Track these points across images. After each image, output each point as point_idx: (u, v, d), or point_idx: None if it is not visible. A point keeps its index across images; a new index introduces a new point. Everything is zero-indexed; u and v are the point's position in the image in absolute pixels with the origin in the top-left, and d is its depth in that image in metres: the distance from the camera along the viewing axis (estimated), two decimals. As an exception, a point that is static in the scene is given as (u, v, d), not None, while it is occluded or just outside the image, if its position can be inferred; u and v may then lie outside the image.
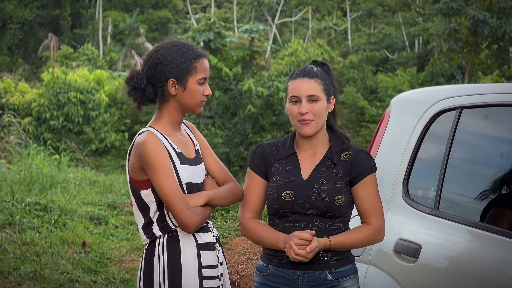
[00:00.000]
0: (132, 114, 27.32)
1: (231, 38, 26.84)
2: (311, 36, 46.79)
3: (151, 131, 3.49)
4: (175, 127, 3.59)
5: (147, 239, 3.52)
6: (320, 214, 3.46)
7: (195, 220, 3.40)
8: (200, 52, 3.56)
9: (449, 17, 23.12)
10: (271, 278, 3.55)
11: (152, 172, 3.40)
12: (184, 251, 3.46)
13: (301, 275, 3.48)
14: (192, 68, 3.51)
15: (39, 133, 25.89)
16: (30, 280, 7.63)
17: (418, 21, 43.48)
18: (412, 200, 4.00)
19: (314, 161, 3.56)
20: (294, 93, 3.52)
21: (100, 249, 9.10)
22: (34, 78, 40.92)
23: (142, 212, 3.52)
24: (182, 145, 3.57)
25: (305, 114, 3.48)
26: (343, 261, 3.51)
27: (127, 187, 14.38)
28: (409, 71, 34.11)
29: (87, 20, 52.80)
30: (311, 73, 3.53)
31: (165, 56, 3.51)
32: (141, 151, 3.42)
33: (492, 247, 3.50)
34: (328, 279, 3.47)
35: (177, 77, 3.50)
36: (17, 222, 9.54)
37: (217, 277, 3.55)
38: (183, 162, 3.51)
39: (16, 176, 12.93)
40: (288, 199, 3.49)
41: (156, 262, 3.47)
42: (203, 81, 3.54)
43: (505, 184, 3.69)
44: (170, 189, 3.38)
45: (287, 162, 3.58)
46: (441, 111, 4.02)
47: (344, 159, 3.54)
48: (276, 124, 25.70)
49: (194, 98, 3.53)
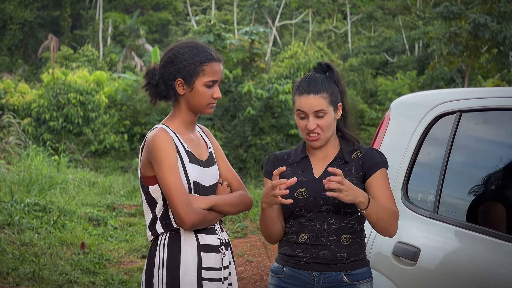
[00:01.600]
0: (131, 115, 27.31)
1: (231, 40, 26.85)
2: (311, 38, 46.83)
3: (162, 127, 3.53)
4: (188, 127, 3.61)
5: (151, 235, 3.55)
6: (334, 210, 3.46)
7: (192, 218, 3.40)
8: (212, 56, 3.57)
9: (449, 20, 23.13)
10: (286, 279, 3.55)
11: (157, 167, 3.43)
12: (184, 250, 3.47)
13: (317, 276, 3.48)
14: (200, 70, 3.52)
15: (39, 134, 25.88)
16: (28, 281, 7.63)
17: (418, 25, 43.53)
18: (411, 203, 4.01)
19: (326, 162, 3.58)
20: (300, 108, 3.53)
21: (99, 250, 9.10)
22: (34, 79, 40.92)
23: (150, 207, 3.55)
24: (194, 145, 3.60)
25: (313, 129, 3.50)
26: (359, 263, 3.51)
27: (126, 189, 14.43)
28: (409, 74, 34.14)
29: (87, 21, 52.83)
30: (316, 88, 3.51)
31: (177, 55, 3.54)
32: (150, 146, 3.46)
33: (491, 251, 3.51)
34: (344, 281, 3.48)
35: (185, 77, 3.53)
36: (16, 223, 9.54)
37: (220, 279, 3.54)
38: (192, 160, 3.52)
39: (15, 177, 12.93)
40: (301, 197, 3.49)
41: (156, 259, 3.49)
42: (212, 84, 3.55)
43: (504, 188, 3.69)
44: (173, 184, 3.40)
45: (299, 165, 3.60)
46: (440, 114, 4.03)
47: (356, 157, 3.56)
48: (275, 127, 25.69)
49: (200, 100, 3.55)
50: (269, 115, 25.65)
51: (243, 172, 24.16)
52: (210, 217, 3.50)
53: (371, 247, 4.07)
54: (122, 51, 46.22)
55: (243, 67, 26.92)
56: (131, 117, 27.42)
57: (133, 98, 27.04)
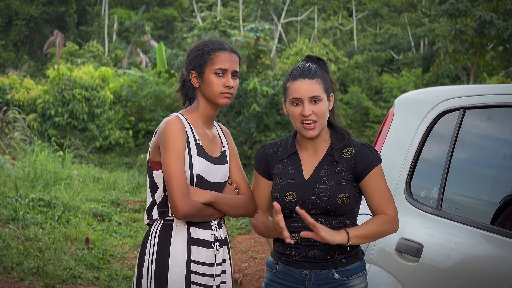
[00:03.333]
0: (136, 111, 27.30)
1: (237, 37, 26.82)
2: (317, 35, 46.76)
3: (178, 115, 3.56)
4: (206, 122, 3.64)
5: (147, 219, 3.58)
6: (324, 213, 3.45)
7: (186, 208, 3.40)
8: (222, 45, 3.60)
9: (455, 18, 23.04)
10: (279, 275, 3.56)
11: (164, 152, 3.45)
12: (174, 241, 3.48)
13: (308, 274, 3.48)
14: (208, 59, 3.55)
15: (44, 130, 25.89)
16: (33, 276, 7.65)
17: (424, 22, 43.43)
18: (414, 200, 4.01)
19: (316, 160, 3.54)
20: (295, 95, 3.46)
21: (103, 245, 9.13)
22: (39, 74, 40.93)
23: (151, 192, 3.57)
24: (207, 140, 3.61)
25: (308, 116, 3.45)
26: (350, 259, 3.50)
27: (131, 185, 14.46)
28: (414, 71, 34.03)
29: (93, 17, 52.85)
30: (311, 73, 3.48)
31: (190, 50, 3.61)
32: (161, 130, 3.49)
33: (494, 248, 3.51)
34: (335, 278, 3.47)
35: (196, 68, 3.58)
36: (20, 218, 9.57)
37: (211, 275, 3.53)
38: (200, 153, 3.53)
39: (20, 172, 12.96)
40: (291, 200, 3.48)
41: (147, 247, 3.52)
42: (221, 72, 3.55)
43: (507, 184, 3.69)
44: (174, 171, 3.41)
45: (289, 162, 3.57)
46: (444, 111, 4.03)
47: (347, 156, 3.51)
48: (280, 124, 25.68)
49: (211, 89, 3.55)
50: (274, 112, 25.63)
51: (247, 169, 24.14)
52: (207, 212, 3.49)
53: (374, 244, 4.07)
54: (128, 47, 46.22)
55: (248, 64, 26.89)
56: (136, 113, 27.40)
57: (138, 94, 27.03)
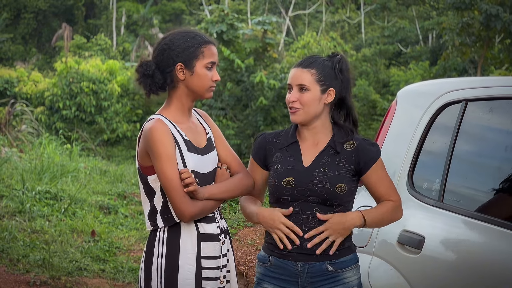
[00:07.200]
0: (144, 104, 27.35)
1: (244, 30, 26.81)
2: (325, 29, 46.69)
3: (159, 118, 3.51)
4: (185, 114, 3.60)
5: (151, 226, 3.55)
6: (320, 201, 3.44)
7: (191, 210, 3.40)
8: (207, 39, 3.59)
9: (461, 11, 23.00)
10: (272, 268, 3.54)
11: (155, 159, 3.42)
12: (184, 241, 3.47)
13: (301, 267, 3.47)
14: (199, 52, 3.53)
15: (51, 123, 25.97)
16: (39, 268, 7.69)
17: (432, 15, 43.33)
18: (416, 191, 4.01)
19: (316, 150, 3.55)
20: (288, 81, 3.57)
21: (109, 238, 9.15)
22: (47, 67, 41.01)
23: (148, 198, 3.54)
24: (192, 132, 3.58)
25: (292, 102, 3.51)
26: (344, 251, 3.50)
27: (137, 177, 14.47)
28: (422, 65, 33.98)
29: (101, 10, 52.84)
30: (307, 63, 3.54)
31: (173, 41, 3.53)
32: (147, 137, 3.44)
33: (495, 240, 3.51)
34: (328, 270, 3.46)
35: (185, 61, 3.52)
36: (27, 210, 9.60)
37: (218, 267, 3.53)
38: (190, 149, 3.51)
39: (27, 165, 13.01)
40: (288, 185, 3.47)
41: (155, 249, 3.49)
42: (211, 66, 3.55)
43: (509, 176, 3.69)
44: (170, 176, 3.39)
45: (289, 151, 3.58)
46: (447, 103, 4.03)
47: (348, 149, 3.52)
48: (287, 116, 25.65)
49: (202, 83, 3.54)
50: (281, 105, 25.63)
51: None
52: (209, 206, 3.49)
53: (376, 236, 4.07)
54: (136, 41, 46.23)
55: (255, 57, 26.89)
56: (144, 106, 27.44)
57: (145, 87, 27.08)
